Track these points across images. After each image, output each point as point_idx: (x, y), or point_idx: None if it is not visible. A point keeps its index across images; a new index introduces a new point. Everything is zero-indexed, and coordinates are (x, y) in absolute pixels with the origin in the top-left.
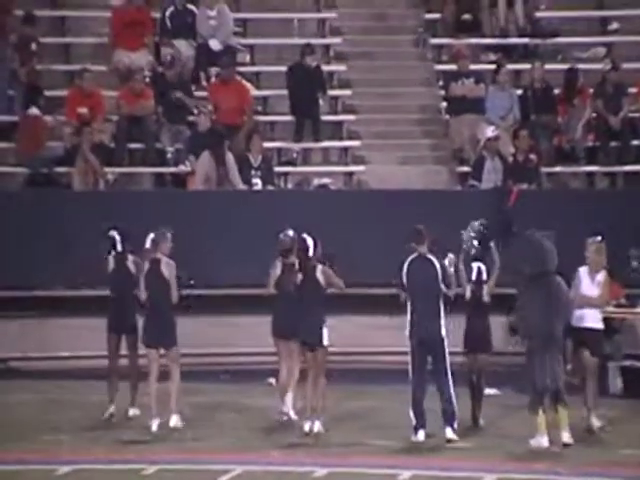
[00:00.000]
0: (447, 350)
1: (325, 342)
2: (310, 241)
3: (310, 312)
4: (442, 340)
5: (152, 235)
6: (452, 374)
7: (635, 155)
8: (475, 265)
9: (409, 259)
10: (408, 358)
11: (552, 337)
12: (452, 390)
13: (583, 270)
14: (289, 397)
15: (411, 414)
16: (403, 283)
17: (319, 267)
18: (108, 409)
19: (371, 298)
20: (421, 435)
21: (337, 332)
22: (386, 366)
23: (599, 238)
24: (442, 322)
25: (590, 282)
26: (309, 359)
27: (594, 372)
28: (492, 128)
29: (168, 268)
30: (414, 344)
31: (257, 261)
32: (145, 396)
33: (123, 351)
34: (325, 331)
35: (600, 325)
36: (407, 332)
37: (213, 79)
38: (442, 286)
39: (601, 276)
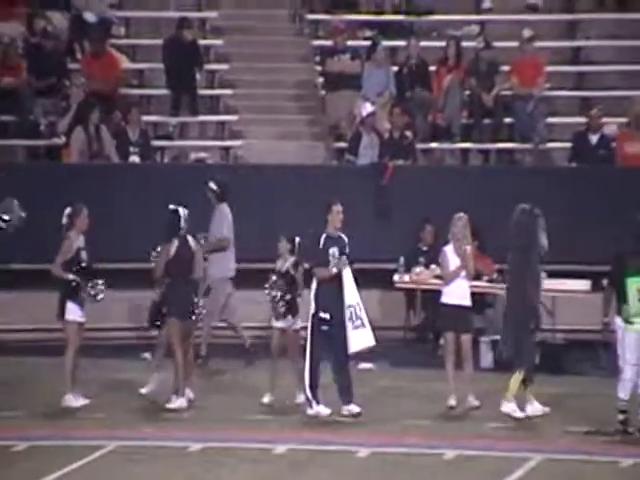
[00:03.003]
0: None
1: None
2: (182, 212)
3: (186, 284)
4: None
5: (67, 210)
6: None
7: (508, 133)
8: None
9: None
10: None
11: (507, 309)
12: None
13: (449, 248)
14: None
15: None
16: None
17: (189, 238)
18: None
19: (248, 273)
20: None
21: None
22: (260, 340)
23: (463, 214)
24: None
25: (457, 258)
26: (186, 332)
27: (469, 350)
28: (368, 104)
29: (64, 244)
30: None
31: (132, 235)
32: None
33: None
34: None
35: (469, 302)
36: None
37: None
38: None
39: (467, 250)
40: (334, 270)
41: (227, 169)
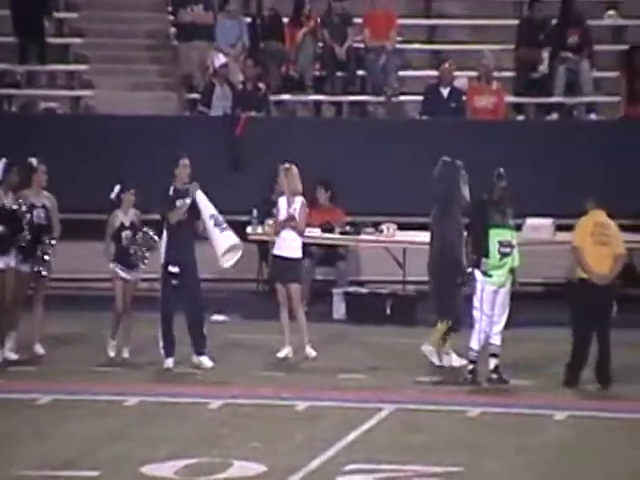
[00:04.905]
0: None
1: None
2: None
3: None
4: None
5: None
6: None
7: (360, 85)
8: None
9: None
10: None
11: (431, 263)
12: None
13: (282, 199)
14: None
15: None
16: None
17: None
18: None
19: (93, 224)
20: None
21: (65, 258)
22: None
23: (287, 165)
24: None
25: (287, 208)
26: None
27: (298, 300)
28: (221, 55)
29: None
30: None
31: None
32: None
33: None
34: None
35: (298, 254)
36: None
37: None
38: None
39: (297, 203)
40: (187, 201)
41: (77, 119)
